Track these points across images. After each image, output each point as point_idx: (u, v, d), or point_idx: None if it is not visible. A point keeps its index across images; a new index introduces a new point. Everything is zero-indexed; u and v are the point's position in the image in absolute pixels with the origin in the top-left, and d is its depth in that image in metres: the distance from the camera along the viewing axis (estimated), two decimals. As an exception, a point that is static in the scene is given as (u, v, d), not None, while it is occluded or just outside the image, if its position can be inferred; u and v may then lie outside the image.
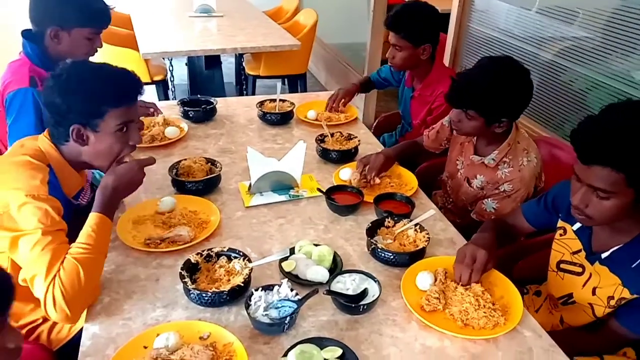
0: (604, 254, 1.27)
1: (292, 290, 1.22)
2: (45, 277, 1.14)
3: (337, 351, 1.09)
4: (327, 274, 1.32)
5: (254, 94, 4.02)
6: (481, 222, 1.76)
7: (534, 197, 1.72)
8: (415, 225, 1.48)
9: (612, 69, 2.12)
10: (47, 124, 1.35)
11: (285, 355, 1.08)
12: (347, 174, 1.79)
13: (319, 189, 1.69)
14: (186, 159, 1.78)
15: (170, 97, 3.84)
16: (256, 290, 1.22)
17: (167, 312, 1.23)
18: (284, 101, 2.35)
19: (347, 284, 1.27)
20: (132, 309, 1.24)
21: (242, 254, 1.34)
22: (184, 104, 2.26)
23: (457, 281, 1.29)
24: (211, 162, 1.79)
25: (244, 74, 4.02)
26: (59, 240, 1.20)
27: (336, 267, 1.36)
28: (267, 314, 1.17)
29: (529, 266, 1.70)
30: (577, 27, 2.28)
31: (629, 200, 1.13)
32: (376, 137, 2.26)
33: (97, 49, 1.88)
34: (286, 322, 1.15)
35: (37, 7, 1.80)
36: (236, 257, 1.33)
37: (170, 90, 3.76)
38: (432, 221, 1.57)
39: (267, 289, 1.23)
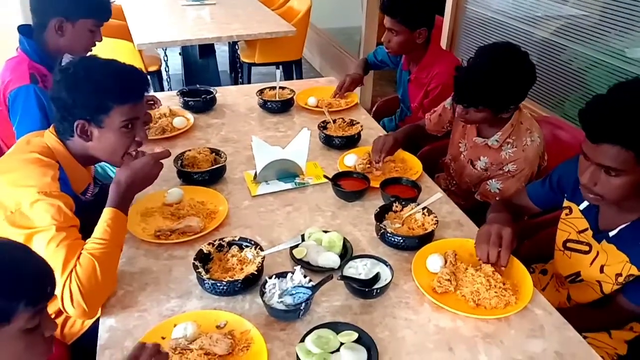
0: (611, 232, 1.29)
1: (306, 276, 1.23)
2: (61, 273, 1.14)
3: (353, 335, 1.11)
4: (338, 260, 1.33)
5: (250, 82, 4.00)
6: (485, 203, 1.78)
7: (537, 176, 1.74)
8: (422, 208, 1.49)
9: (610, 46, 2.12)
10: (53, 119, 1.35)
11: (302, 340, 1.10)
12: (352, 160, 1.79)
13: (325, 175, 1.70)
14: (190, 150, 1.78)
15: (165, 88, 3.82)
16: (270, 277, 1.23)
17: (182, 303, 1.24)
18: (283, 88, 2.34)
19: (359, 269, 1.28)
20: (146, 300, 1.25)
21: (253, 242, 1.35)
22: (183, 94, 2.25)
23: (483, 261, 1.27)
24: (216, 152, 1.79)
25: (239, 61, 3.99)
26: (73, 236, 1.20)
27: (346, 253, 1.37)
28: (282, 301, 1.18)
29: (534, 245, 1.72)
30: (575, 5, 2.27)
31: (638, 178, 1.14)
32: (376, 121, 2.26)
33: (96, 43, 1.86)
34: (301, 308, 1.16)
35: None
36: (248, 246, 1.34)
37: (165, 80, 3.73)
38: (438, 204, 1.58)
39: (281, 276, 1.24)
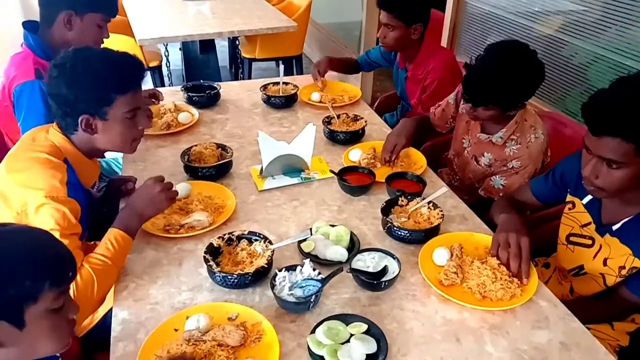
0: (615, 226, 1.31)
1: (315, 269, 1.25)
2: None
3: (363, 326, 1.13)
4: (346, 253, 1.35)
5: (250, 77, 4.01)
6: (489, 198, 1.80)
7: (541, 172, 1.76)
8: (428, 203, 1.51)
9: (612, 41, 2.14)
10: (55, 116, 1.34)
11: (312, 332, 1.12)
12: (356, 155, 1.81)
13: (331, 170, 1.72)
14: (197, 145, 1.79)
15: (166, 83, 3.82)
16: (280, 270, 1.25)
17: (193, 296, 1.26)
18: (287, 84, 2.36)
19: (367, 262, 1.30)
20: (158, 293, 1.27)
21: (262, 236, 1.36)
22: (187, 89, 2.26)
23: (511, 273, 1.27)
24: (222, 147, 1.80)
25: (239, 57, 4.00)
26: (73, 244, 1.22)
27: (353, 247, 1.39)
28: (292, 293, 1.20)
29: (537, 239, 1.73)
30: (575, 0, 2.29)
31: (638, 170, 1.16)
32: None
33: (104, 39, 1.87)
34: (311, 300, 1.18)
35: None
36: (257, 240, 1.36)
37: (166, 76, 3.74)
38: (442, 198, 1.60)
39: (291, 269, 1.26)
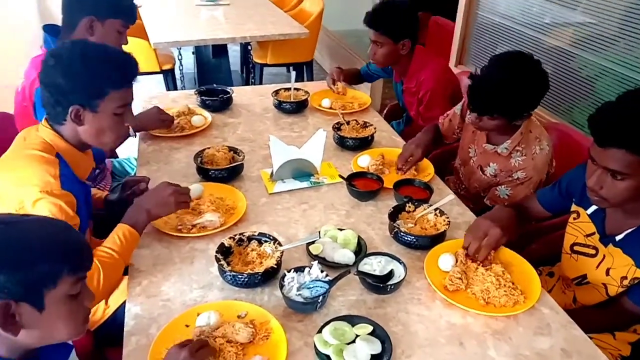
0: (618, 236, 1.33)
1: (322, 271, 1.29)
2: None
3: (368, 328, 1.16)
4: (353, 257, 1.38)
5: (261, 82, 4.06)
6: (494, 207, 1.82)
7: (545, 182, 1.79)
8: (435, 209, 1.54)
9: (620, 55, 2.17)
10: (45, 104, 1.33)
11: (319, 331, 1.15)
12: (365, 161, 1.85)
13: (340, 175, 1.75)
14: (210, 148, 1.83)
15: (179, 86, 3.88)
16: (289, 271, 1.28)
17: (204, 293, 1.30)
18: (298, 90, 2.40)
19: (373, 266, 1.33)
20: (170, 290, 1.31)
21: (272, 237, 1.40)
22: (200, 93, 2.31)
23: (464, 247, 1.36)
24: (234, 150, 1.84)
25: (251, 62, 4.05)
26: None
27: (360, 250, 1.43)
28: (300, 294, 1.23)
29: (542, 248, 1.77)
30: (586, 14, 2.32)
31: None
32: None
33: (122, 45, 1.92)
34: (319, 301, 1.22)
35: None
36: (267, 241, 1.40)
37: (179, 79, 3.80)
38: (449, 206, 1.63)
39: (299, 270, 1.29)
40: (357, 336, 1.14)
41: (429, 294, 1.32)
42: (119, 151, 2.43)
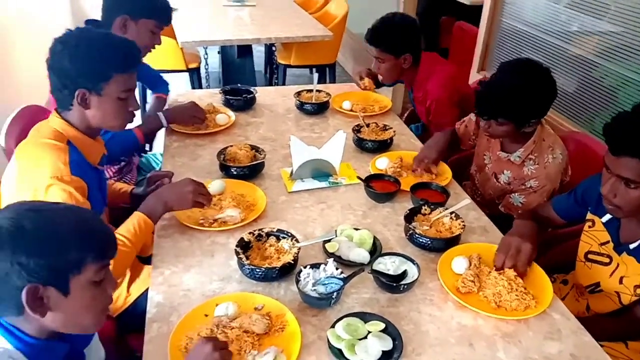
0: (632, 245, 1.34)
1: (337, 269, 1.32)
2: None
3: (380, 325, 1.19)
4: (368, 256, 1.42)
5: (284, 83, 4.12)
6: (508, 214, 1.84)
7: (560, 191, 1.80)
8: (450, 213, 1.56)
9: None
10: (53, 90, 1.38)
11: (332, 326, 1.19)
12: (383, 163, 1.88)
13: (358, 176, 1.79)
14: (232, 146, 1.89)
15: (203, 85, 3.96)
16: (305, 267, 1.32)
17: (223, 285, 1.35)
18: (320, 91, 2.44)
19: (387, 265, 1.37)
20: (190, 281, 1.36)
21: (290, 234, 1.44)
22: (225, 92, 2.37)
23: (497, 268, 1.36)
24: (255, 149, 1.89)
25: (275, 62, 4.11)
26: None
27: (375, 250, 1.46)
28: (315, 289, 1.27)
29: (556, 257, 1.77)
30: (612, 23, 2.31)
31: None
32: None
33: (155, 46, 1.99)
34: (333, 297, 1.26)
35: None
36: (284, 237, 1.44)
37: (204, 77, 3.87)
38: (465, 210, 1.65)
39: (315, 266, 1.33)
40: (369, 332, 1.17)
41: (441, 296, 1.34)
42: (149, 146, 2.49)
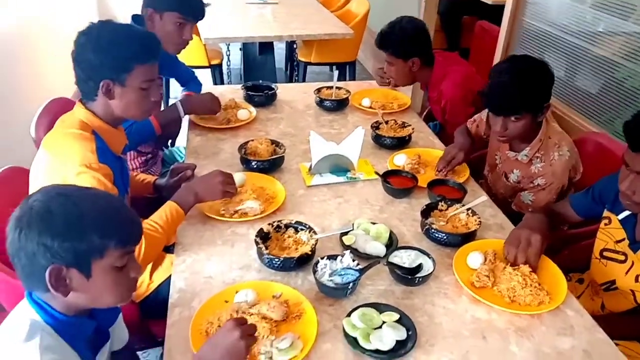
0: (648, 243, 1.35)
1: (354, 260, 1.36)
2: None
3: (395, 316, 1.22)
4: (384, 249, 1.45)
5: (304, 80, 4.15)
6: (520, 213, 1.85)
7: (569, 188, 1.80)
8: (467, 209, 1.58)
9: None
10: (78, 81, 1.42)
11: (348, 315, 1.22)
12: (401, 160, 1.90)
13: (376, 172, 1.82)
14: (253, 140, 1.93)
15: (225, 81, 4.02)
16: (322, 258, 1.36)
17: (243, 274, 1.39)
18: (339, 89, 2.47)
19: (403, 259, 1.40)
20: (212, 269, 1.41)
21: (308, 226, 1.48)
22: (247, 88, 2.42)
23: (509, 261, 1.38)
24: (275, 143, 1.94)
25: (295, 60, 4.15)
26: None
27: (391, 244, 1.49)
28: (331, 280, 1.31)
29: (572, 256, 1.78)
30: (635, 24, 2.29)
31: None
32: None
33: (188, 41, 2.03)
34: (349, 287, 1.29)
35: None
36: (302, 229, 1.48)
37: (226, 73, 3.93)
38: (481, 207, 1.66)
39: (332, 258, 1.37)
40: (383, 322, 1.20)
41: (455, 289, 1.37)
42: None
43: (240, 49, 4.48)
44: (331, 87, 2.47)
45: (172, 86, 3.76)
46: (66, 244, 0.90)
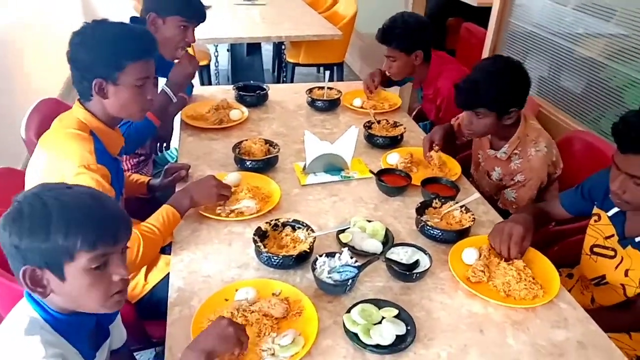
0: (638, 238, 1.39)
1: (352, 257, 1.37)
2: None
3: (393, 311, 1.24)
4: (380, 246, 1.46)
5: (292, 81, 4.17)
6: (506, 210, 1.89)
7: (550, 184, 1.87)
8: (461, 206, 1.61)
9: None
10: (74, 81, 1.41)
11: (348, 311, 1.23)
12: (394, 159, 1.93)
13: (370, 170, 1.84)
14: (247, 140, 1.93)
15: (213, 82, 4.01)
16: (320, 256, 1.37)
17: (241, 272, 1.39)
18: (331, 89, 2.49)
19: (400, 255, 1.41)
20: (209, 268, 1.41)
21: (305, 224, 1.49)
22: (238, 89, 2.42)
23: (496, 251, 1.42)
24: (269, 143, 1.94)
25: (283, 61, 4.16)
26: None
27: (387, 241, 1.50)
28: (330, 277, 1.32)
29: (562, 252, 1.82)
30: (616, 25, 2.35)
31: None
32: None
33: (190, 44, 2.02)
34: (348, 284, 1.30)
35: None
36: (299, 228, 1.49)
37: (214, 74, 3.93)
38: (474, 204, 1.69)
39: (330, 255, 1.38)
40: (383, 318, 1.22)
41: (452, 285, 1.39)
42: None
43: (227, 50, 4.48)
44: (322, 88, 2.48)
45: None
46: (33, 245, 0.88)
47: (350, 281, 1.30)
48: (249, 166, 1.83)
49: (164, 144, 2.21)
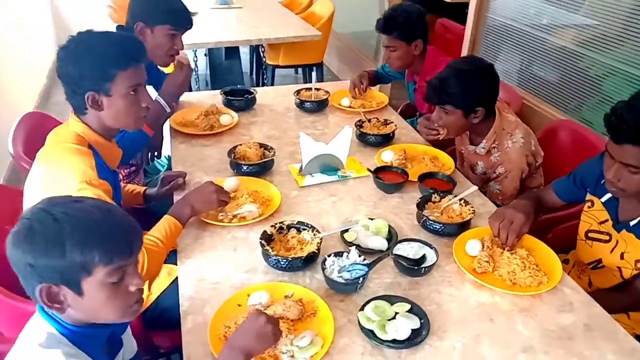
0: (632, 222, 1.44)
1: (360, 256, 1.39)
2: None
3: (406, 306, 1.26)
4: (386, 243, 1.48)
5: (273, 84, 4.16)
6: (495, 203, 1.93)
7: (531, 173, 1.94)
8: (460, 200, 1.64)
9: (627, 55, 2.27)
10: (66, 97, 1.39)
11: (362, 309, 1.25)
12: (389, 156, 1.95)
13: (368, 168, 1.85)
14: (241, 144, 1.93)
15: (193, 88, 3.97)
16: (329, 256, 1.38)
17: (250, 277, 1.39)
18: (318, 90, 2.50)
19: (406, 251, 1.44)
20: (217, 275, 1.40)
21: (310, 226, 1.50)
22: (226, 93, 2.41)
23: (494, 235, 1.46)
24: (264, 146, 1.94)
25: (263, 63, 4.15)
26: None
27: (391, 238, 1.53)
28: (341, 276, 1.33)
29: (557, 238, 1.87)
30: (593, 15, 2.42)
31: None
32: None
33: (179, 51, 2.01)
34: (359, 282, 1.32)
35: (133, 2, 1.97)
36: (305, 229, 1.50)
37: (194, 80, 3.89)
38: (471, 197, 1.72)
39: (338, 255, 1.39)
40: (396, 313, 1.24)
41: (458, 277, 1.42)
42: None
43: (205, 55, 4.45)
44: (310, 89, 2.49)
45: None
46: (50, 263, 0.87)
47: (361, 279, 1.32)
48: (246, 170, 1.83)
49: (155, 153, 2.19)
